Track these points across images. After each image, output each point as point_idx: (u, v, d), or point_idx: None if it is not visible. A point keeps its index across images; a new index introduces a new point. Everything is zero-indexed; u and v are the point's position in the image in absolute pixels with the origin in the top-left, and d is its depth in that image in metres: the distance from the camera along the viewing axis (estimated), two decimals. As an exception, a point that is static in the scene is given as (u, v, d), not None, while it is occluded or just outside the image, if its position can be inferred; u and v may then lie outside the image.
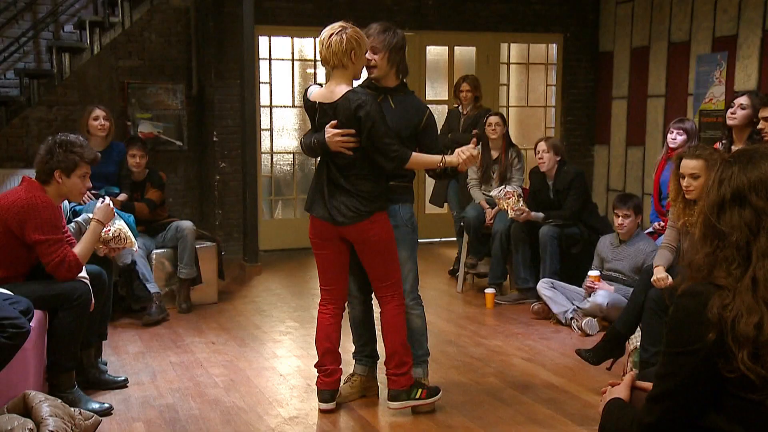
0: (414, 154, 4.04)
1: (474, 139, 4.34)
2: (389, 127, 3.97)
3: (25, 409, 3.70)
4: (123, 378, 4.73)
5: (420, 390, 4.22)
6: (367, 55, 4.10)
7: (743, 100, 5.40)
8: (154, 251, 6.46)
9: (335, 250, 4.19)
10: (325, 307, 4.29)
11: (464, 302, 6.88)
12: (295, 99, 9.23)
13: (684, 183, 4.34)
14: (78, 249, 4.27)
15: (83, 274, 4.29)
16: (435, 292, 7.15)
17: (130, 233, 4.72)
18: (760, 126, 4.96)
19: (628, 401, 2.29)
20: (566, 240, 6.46)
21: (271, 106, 9.07)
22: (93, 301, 4.25)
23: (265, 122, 9.05)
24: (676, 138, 6.18)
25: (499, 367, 5.08)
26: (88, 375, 4.56)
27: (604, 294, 5.78)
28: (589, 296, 5.91)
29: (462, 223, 7.23)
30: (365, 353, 4.55)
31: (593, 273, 5.97)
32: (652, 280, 4.38)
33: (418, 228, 4.37)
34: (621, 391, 2.32)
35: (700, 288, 2.00)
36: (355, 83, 4.11)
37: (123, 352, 5.35)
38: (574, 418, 4.22)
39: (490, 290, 6.65)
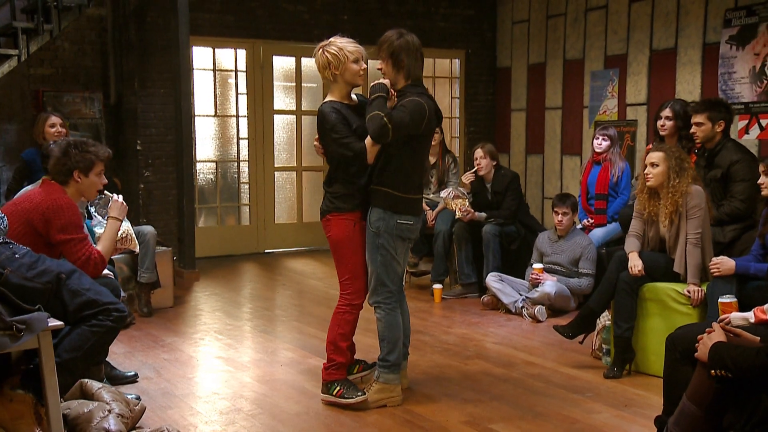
0: (366, 140, 4.22)
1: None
2: (350, 126, 4.27)
3: (84, 396, 3.81)
4: (133, 373, 4.85)
5: (337, 388, 4.39)
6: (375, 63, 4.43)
7: (667, 112, 6.09)
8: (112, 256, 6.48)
9: None
10: None
11: (410, 298, 7.21)
12: (217, 108, 9.37)
13: (645, 171, 4.97)
14: (101, 246, 4.37)
15: (107, 271, 4.42)
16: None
17: (134, 235, 4.85)
18: (692, 130, 5.66)
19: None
20: (506, 237, 7.04)
21: (193, 116, 9.15)
22: (123, 294, 4.37)
23: (188, 131, 9.13)
24: (601, 144, 6.92)
25: (478, 351, 5.53)
26: (100, 370, 4.65)
27: (551, 284, 6.38)
28: (535, 287, 6.50)
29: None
30: None
31: (537, 266, 6.57)
32: (629, 265, 4.94)
33: (394, 234, 4.29)
34: (721, 336, 2.84)
35: None
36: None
37: (110, 353, 5.37)
38: (565, 387, 4.74)
39: (438, 286, 7.12)
